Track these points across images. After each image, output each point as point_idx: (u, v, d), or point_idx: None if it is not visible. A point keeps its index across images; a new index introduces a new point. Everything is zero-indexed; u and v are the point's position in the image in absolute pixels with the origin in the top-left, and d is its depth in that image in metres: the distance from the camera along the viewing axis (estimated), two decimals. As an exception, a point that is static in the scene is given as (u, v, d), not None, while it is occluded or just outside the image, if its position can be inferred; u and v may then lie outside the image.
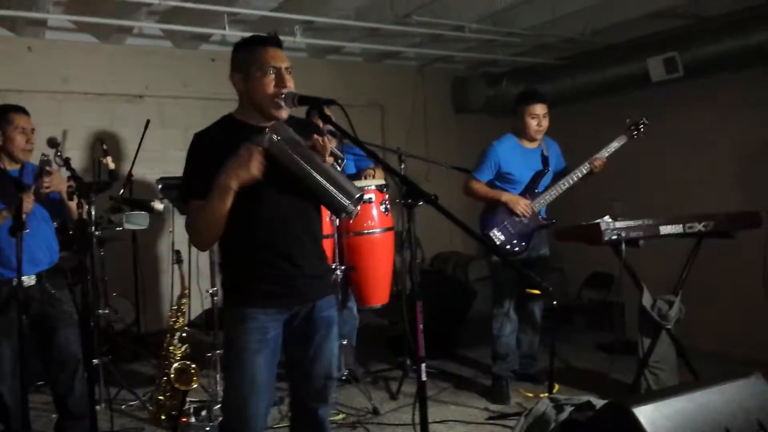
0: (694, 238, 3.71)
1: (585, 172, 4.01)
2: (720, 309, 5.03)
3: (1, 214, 3.06)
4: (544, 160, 4.17)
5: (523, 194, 4.08)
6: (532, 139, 4.16)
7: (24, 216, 2.84)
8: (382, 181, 4.26)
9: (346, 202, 2.15)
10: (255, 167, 2.10)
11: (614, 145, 4.03)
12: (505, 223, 4.03)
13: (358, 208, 2.23)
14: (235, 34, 5.28)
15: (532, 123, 4.10)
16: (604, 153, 4.02)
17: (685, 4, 4.88)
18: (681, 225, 3.56)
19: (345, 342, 4.11)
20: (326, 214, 3.35)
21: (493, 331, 4.19)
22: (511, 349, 4.18)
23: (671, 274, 3.85)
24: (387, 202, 4.20)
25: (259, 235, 2.24)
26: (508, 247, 4.02)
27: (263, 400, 2.27)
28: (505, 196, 4.04)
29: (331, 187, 2.14)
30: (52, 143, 3.19)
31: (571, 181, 4.03)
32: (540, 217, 4.09)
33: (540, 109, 4.11)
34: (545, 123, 4.13)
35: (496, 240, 4.01)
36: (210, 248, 3.40)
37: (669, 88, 5.41)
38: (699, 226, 3.59)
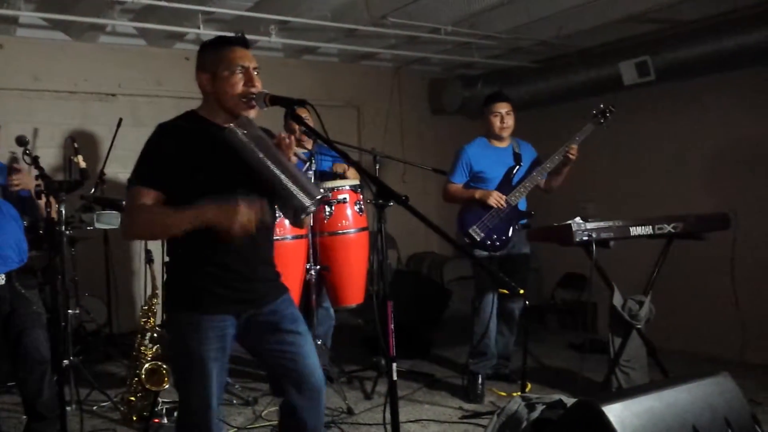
0: (664, 239, 3.76)
1: (557, 161, 4.04)
2: (689, 309, 5.12)
3: None
4: (516, 157, 4.23)
5: (497, 189, 4.11)
6: (498, 138, 4.24)
7: None
8: (356, 181, 4.26)
9: (307, 201, 2.12)
10: (242, 226, 2.04)
11: (583, 133, 4.06)
12: (483, 219, 4.07)
13: (317, 207, 2.21)
14: (210, 33, 5.24)
15: (495, 121, 4.19)
16: (575, 141, 4.04)
17: (657, 9, 4.95)
18: (651, 226, 3.61)
19: (320, 342, 4.11)
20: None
21: (473, 327, 4.19)
22: (490, 348, 4.19)
23: (642, 274, 3.90)
24: (361, 202, 4.20)
25: (216, 239, 2.13)
26: (489, 242, 4.05)
27: (216, 405, 2.24)
28: (478, 193, 4.10)
29: (293, 186, 2.12)
30: (21, 141, 3.15)
31: (544, 170, 4.08)
32: (517, 209, 4.11)
33: (502, 107, 4.20)
34: (509, 121, 4.21)
35: (476, 237, 4.04)
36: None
37: (641, 92, 5.48)
38: (668, 228, 3.64)
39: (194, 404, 2.24)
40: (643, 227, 3.57)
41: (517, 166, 4.18)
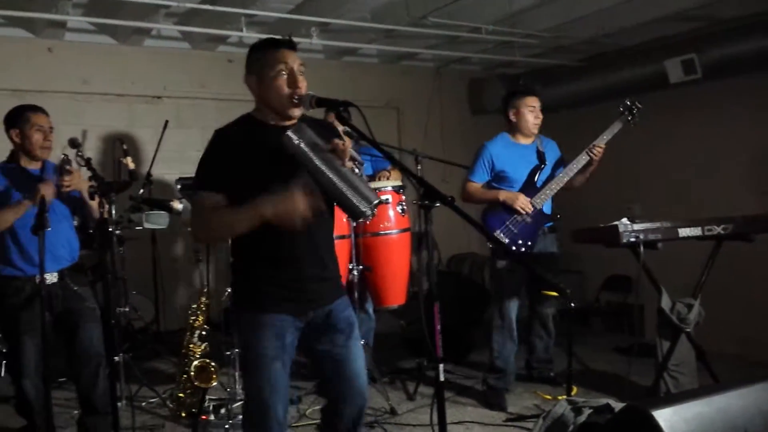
0: (713, 240, 3.69)
1: (584, 161, 3.94)
2: (739, 312, 5.00)
3: (24, 204, 3.10)
4: (540, 156, 4.08)
5: (521, 191, 3.97)
6: (528, 134, 4.08)
7: (46, 209, 2.89)
8: (399, 182, 4.27)
9: (364, 207, 2.14)
10: (300, 213, 2.07)
11: (610, 131, 3.96)
12: (507, 223, 3.92)
13: (375, 212, 2.23)
14: (252, 36, 5.32)
15: (530, 116, 4.04)
16: (602, 140, 3.95)
17: (700, 6, 4.85)
18: (700, 228, 3.53)
19: (362, 342, 4.12)
20: (342, 214, 3.37)
21: (492, 344, 4.05)
22: (509, 364, 4.05)
23: (690, 276, 3.82)
24: (404, 203, 4.20)
25: (277, 240, 2.23)
26: (513, 248, 3.88)
27: (283, 403, 2.29)
28: (503, 194, 3.95)
29: (350, 192, 2.14)
30: (73, 143, 3.23)
31: (570, 172, 3.95)
32: (543, 212, 4.00)
33: (535, 101, 4.06)
34: (540, 116, 4.08)
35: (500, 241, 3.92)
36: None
37: (687, 90, 5.37)
38: (718, 229, 3.56)
39: (256, 399, 2.29)
40: (691, 228, 3.49)
41: (542, 166, 4.04)
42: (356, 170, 2.26)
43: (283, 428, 2.31)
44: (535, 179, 4.02)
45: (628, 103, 3.99)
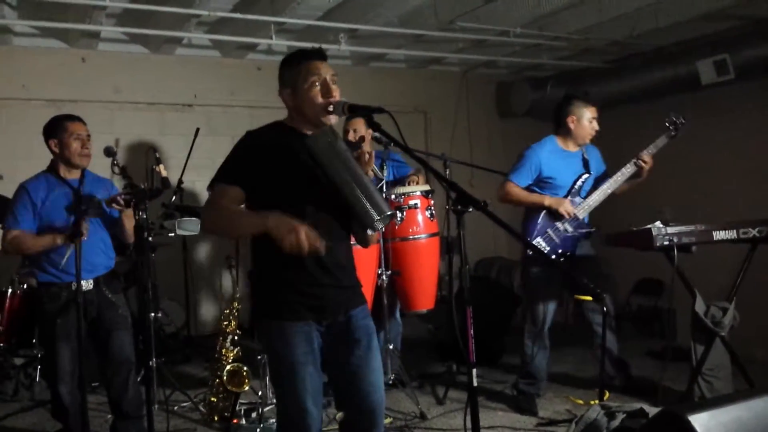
0: (748, 243, 3.63)
1: (630, 172, 3.91)
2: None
3: (57, 240, 3.16)
4: (585, 163, 4.04)
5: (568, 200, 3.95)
6: (582, 142, 4.03)
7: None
8: (428, 187, 4.27)
9: (375, 216, 2.16)
10: (293, 239, 2.06)
11: (656, 145, 3.94)
12: (548, 231, 3.89)
13: (383, 227, 2.23)
14: (281, 44, 5.39)
15: (589, 126, 3.98)
16: (647, 152, 3.92)
17: (734, 6, 4.78)
18: (735, 230, 3.48)
19: (391, 347, 4.13)
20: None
21: (524, 349, 4.04)
22: (541, 371, 4.02)
23: (724, 280, 3.77)
24: (432, 208, 4.20)
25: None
26: (554, 257, 3.87)
27: (318, 408, 2.28)
28: (548, 200, 3.90)
29: (366, 200, 2.16)
30: (109, 152, 3.29)
31: (615, 184, 3.93)
32: (584, 223, 3.98)
33: (595, 111, 4.01)
34: (597, 128, 4.03)
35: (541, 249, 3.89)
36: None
37: (719, 91, 5.30)
38: (753, 232, 3.51)
39: (290, 407, 2.29)
40: (726, 231, 3.45)
41: (587, 175, 4.00)
42: (376, 182, 2.27)
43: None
44: (580, 188, 3.99)
45: (673, 117, 3.97)
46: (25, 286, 4.37)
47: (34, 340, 4.37)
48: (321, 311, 2.31)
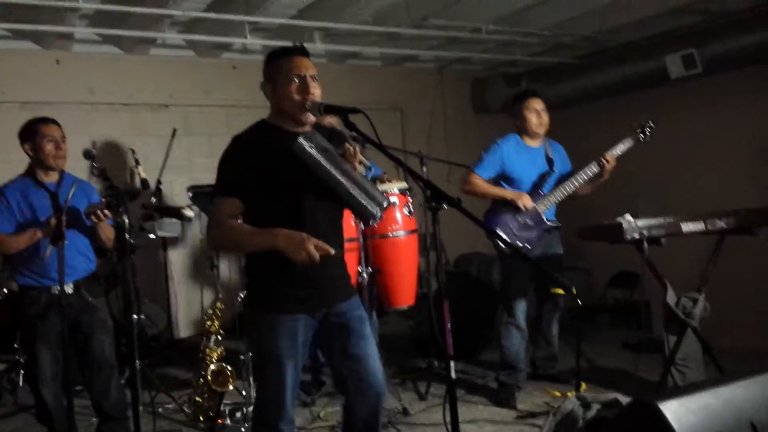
0: (717, 235, 3.72)
1: (594, 171, 3.98)
2: (745, 305, 5.03)
3: (37, 234, 3.16)
4: (549, 161, 4.13)
5: (528, 195, 4.02)
6: (534, 135, 4.12)
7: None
8: (405, 185, 4.32)
9: (374, 209, 2.22)
10: (304, 255, 2.14)
11: (621, 147, 4.01)
12: (509, 223, 3.97)
13: (379, 217, 2.29)
14: (256, 42, 5.40)
15: (532, 117, 4.08)
16: (611, 153, 3.99)
17: (702, 1, 4.88)
18: (703, 222, 3.56)
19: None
20: (350, 217, 3.43)
21: (501, 340, 4.13)
22: (520, 360, 4.11)
23: (694, 271, 3.86)
24: (410, 205, 4.25)
25: None
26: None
27: (291, 401, 2.37)
28: (509, 193, 4.00)
29: (361, 195, 2.21)
30: (88, 155, 3.29)
31: (577, 182, 4.00)
32: (545, 219, 4.04)
33: (537, 103, 4.11)
34: (546, 118, 4.12)
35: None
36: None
37: (688, 85, 5.41)
38: (721, 223, 3.58)
39: (269, 398, 2.37)
40: (694, 223, 3.53)
41: (550, 172, 4.09)
42: (366, 175, 2.32)
43: (292, 427, 2.40)
44: (542, 184, 4.07)
45: (642, 121, 4.04)
46: (5, 290, 4.34)
47: (15, 345, 4.35)
48: (312, 303, 2.37)
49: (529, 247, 3.99)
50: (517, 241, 3.96)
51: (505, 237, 3.92)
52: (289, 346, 2.33)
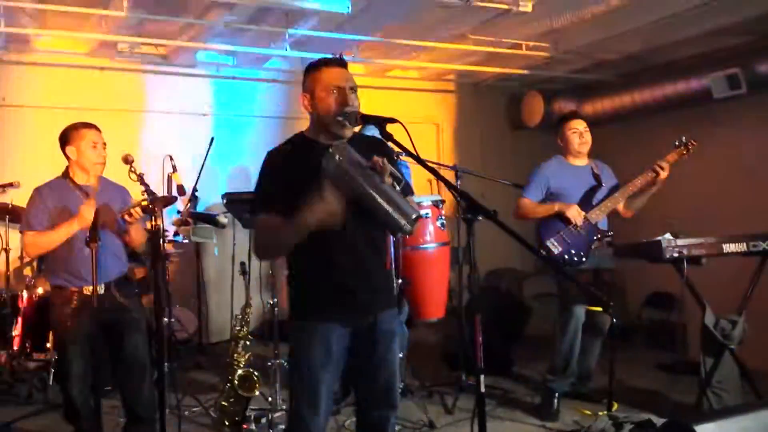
0: (758, 256, 3.63)
1: (644, 181, 3.95)
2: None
3: (72, 225, 3.20)
4: (596, 177, 4.15)
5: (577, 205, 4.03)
6: (577, 155, 4.18)
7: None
8: (439, 197, 4.31)
9: (402, 222, 2.20)
10: (336, 210, 2.16)
11: (667, 161, 3.97)
12: (561, 233, 3.99)
13: (416, 227, 2.26)
14: (295, 55, 5.45)
15: (574, 137, 4.15)
16: (664, 163, 3.96)
17: (747, 21, 4.80)
18: (745, 243, 3.51)
19: (400, 355, 4.15)
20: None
21: (557, 344, 4.11)
22: (571, 367, 4.11)
23: (734, 293, 3.77)
24: (443, 217, 4.24)
25: (326, 251, 2.32)
26: (566, 257, 3.96)
27: (325, 411, 2.37)
28: (558, 205, 4.03)
29: (390, 208, 2.19)
30: (126, 160, 3.33)
31: (629, 191, 3.99)
32: (597, 227, 4.03)
33: (579, 124, 4.18)
34: (588, 137, 4.17)
35: (553, 249, 3.96)
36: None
37: (731, 105, 5.31)
38: (763, 245, 3.52)
39: (302, 407, 2.37)
40: (736, 244, 3.47)
41: (599, 186, 4.11)
42: (396, 187, 2.28)
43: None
44: (592, 197, 4.08)
45: (684, 139, 4.01)
46: (39, 290, 4.44)
47: (47, 345, 4.42)
48: (348, 314, 2.37)
49: (582, 255, 3.98)
50: (572, 250, 3.97)
51: (558, 247, 3.97)
52: (324, 354, 2.33)
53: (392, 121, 2.28)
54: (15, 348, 4.43)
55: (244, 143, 5.99)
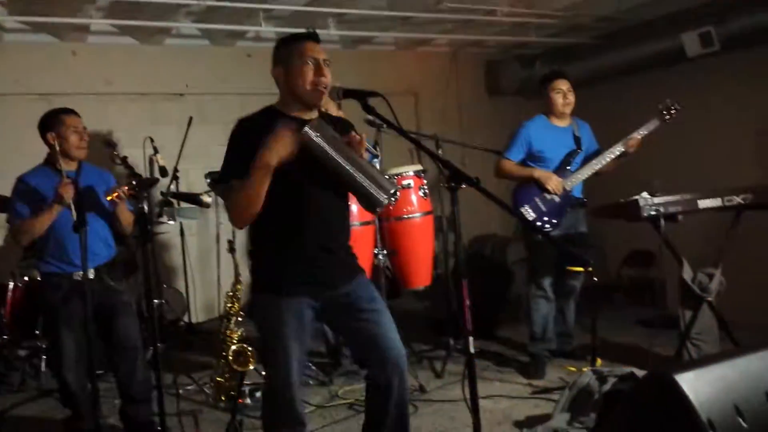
0: (733, 211, 3.72)
1: (618, 152, 4.07)
2: (760, 281, 5.01)
3: (54, 207, 3.20)
4: (576, 140, 4.20)
5: (555, 173, 4.12)
6: (561, 115, 4.22)
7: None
8: (420, 167, 4.35)
9: (381, 197, 2.23)
10: (291, 143, 2.19)
11: (646, 128, 4.07)
12: (536, 199, 4.08)
13: (393, 200, 2.29)
14: (270, 30, 5.43)
15: (558, 98, 4.17)
16: (638, 134, 4.06)
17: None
18: (720, 198, 3.57)
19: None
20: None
21: (530, 312, 4.25)
22: (548, 329, 4.24)
23: (710, 247, 3.86)
24: (425, 187, 4.28)
25: (292, 223, 2.35)
26: (539, 224, 4.03)
27: (298, 382, 2.40)
28: (537, 173, 4.10)
29: (367, 183, 2.23)
30: (109, 143, 3.34)
31: (604, 161, 4.09)
32: (572, 195, 4.13)
33: (563, 84, 4.19)
34: (571, 97, 4.20)
35: (527, 216, 4.03)
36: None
37: (705, 63, 5.37)
38: (738, 199, 3.59)
39: (278, 380, 2.40)
40: (711, 200, 3.54)
41: (578, 151, 4.17)
42: (375, 163, 2.32)
43: (300, 405, 2.44)
44: (570, 163, 4.15)
45: (668, 102, 4.08)
46: (26, 278, 4.44)
47: (36, 332, 4.44)
48: (316, 286, 2.39)
49: (556, 222, 4.07)
50: (545, 217, 4.05)
51: (531, 214, 4.03)
52: (296, 328, 2.35)
53: (374, 94, 2.32)
54: (4, 336, 4.44)
55: (224, 121, 5.96)
